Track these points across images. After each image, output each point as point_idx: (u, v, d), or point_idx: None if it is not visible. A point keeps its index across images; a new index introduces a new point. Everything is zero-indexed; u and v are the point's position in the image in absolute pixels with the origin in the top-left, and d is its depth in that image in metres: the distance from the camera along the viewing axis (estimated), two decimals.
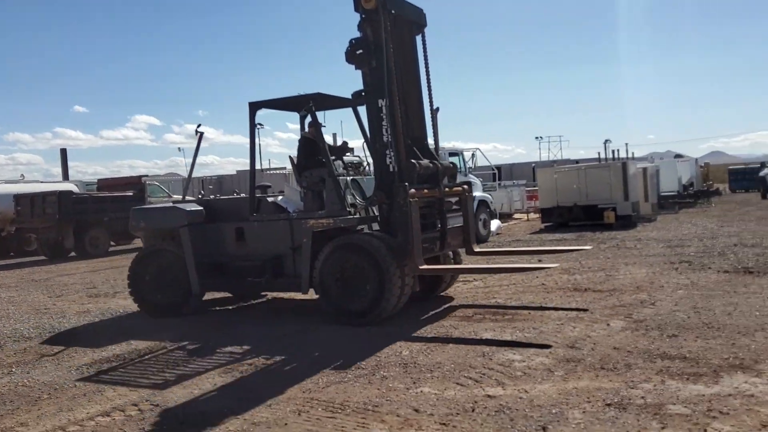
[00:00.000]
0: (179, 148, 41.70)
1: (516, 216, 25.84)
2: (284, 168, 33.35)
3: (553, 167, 23.01)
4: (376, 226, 7.88)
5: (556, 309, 7.42)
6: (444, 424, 4.12)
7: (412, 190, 7.21)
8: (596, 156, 33.74)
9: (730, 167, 44.67)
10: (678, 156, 34.88)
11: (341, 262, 7.27)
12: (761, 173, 30.78)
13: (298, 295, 8.70)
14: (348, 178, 8.25)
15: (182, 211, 8.51)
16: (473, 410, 4.33)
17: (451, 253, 8.55)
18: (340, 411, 4.49)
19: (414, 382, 5.01)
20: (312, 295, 7.89)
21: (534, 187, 26.22)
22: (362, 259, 7.09)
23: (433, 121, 8.28)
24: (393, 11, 7.52)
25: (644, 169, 21.34)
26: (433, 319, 7.36)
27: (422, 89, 8.16)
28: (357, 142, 9.03)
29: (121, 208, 18.90)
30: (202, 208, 8.67)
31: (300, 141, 8.54)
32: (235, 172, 32.09)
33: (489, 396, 4.58)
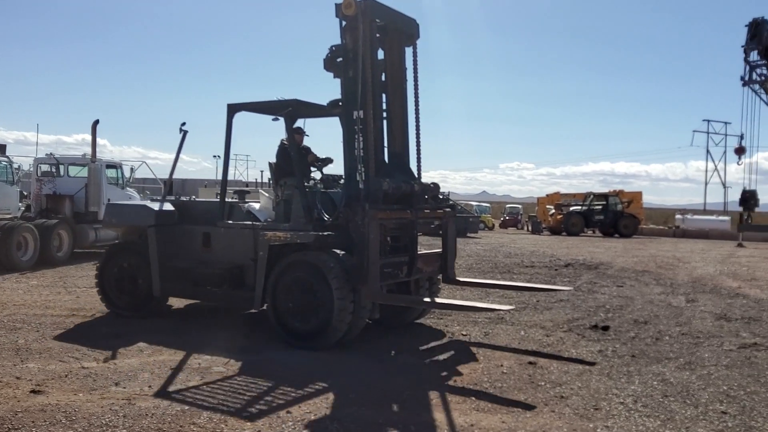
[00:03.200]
0: None
1: None
2: None
3: (216, 187, 24.75)
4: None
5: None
6: (38, 384, 5.33)
7: (375, 210, 6.80)
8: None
9: None
10: None
11: (293, 279, 6.94)
12: None
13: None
14: (319, 190, 7.83)
15: (151, 210, 8.30)
16: (66, 376, 5.65)
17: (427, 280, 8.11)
18: None
19: (22, 360, 6.11)
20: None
21: None
22: (313, 278, 6.75)
23: (417, 138, 7.84)
24: (378, 20, 7.32)
25: None
26: None
27: (407, 104, 7.80)
28: None
29: None
30: (174, 208, 8.46)
31: (279, 147, 8.20)
32: None
33: (83, 367, 5.91)
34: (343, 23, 7.11)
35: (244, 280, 7.67)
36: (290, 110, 7.63)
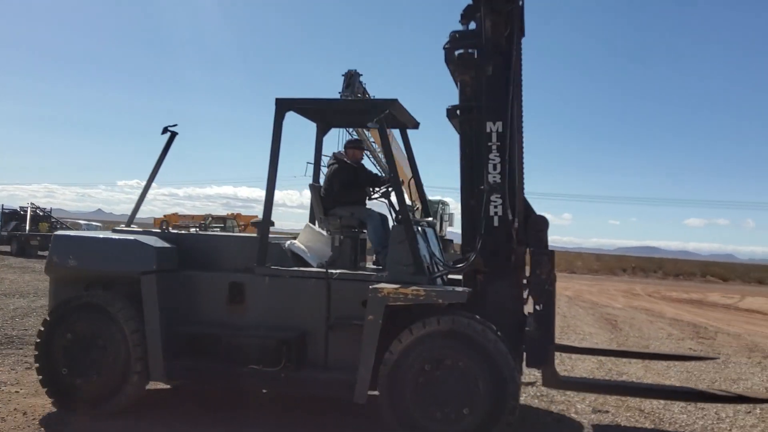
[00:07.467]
0: None
1: None
2: None
3: None
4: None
5: None
6: None
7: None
8: None
9: None
10: None
11: (433, 359, 4.81)
12: None
13: None
14: (422, 228, 5.75)
15: (150, 248, 5.39)
16: None
17: None
18: None
19: None
20: None
21: None
22: (471, 359, 4.73)
23: (520, 159, 5.69)
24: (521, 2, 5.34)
25: None
26: None
27: (522, 113, 5.68)
28: None
29: None
30: (174, 246, 5.65)
31: (332, 165, 6.21)
32: None
33: None
34: (481, 1, 5.23)
35: (307, 355, 5.32)
36: (387, 114, 5.42)
